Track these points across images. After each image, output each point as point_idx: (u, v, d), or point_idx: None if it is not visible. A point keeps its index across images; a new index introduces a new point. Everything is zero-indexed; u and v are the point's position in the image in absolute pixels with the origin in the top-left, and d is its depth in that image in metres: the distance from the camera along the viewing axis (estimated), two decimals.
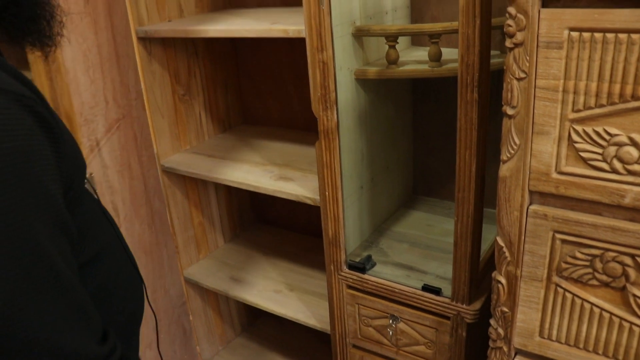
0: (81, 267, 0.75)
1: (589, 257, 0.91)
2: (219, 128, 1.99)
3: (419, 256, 1.45)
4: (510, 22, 0.88)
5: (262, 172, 1.61)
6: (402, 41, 1.50)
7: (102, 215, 0.85)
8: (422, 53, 1.47)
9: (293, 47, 1.83)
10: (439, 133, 1.64)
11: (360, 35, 1.32)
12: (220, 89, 1.96)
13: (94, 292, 0.78)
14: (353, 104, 1.36)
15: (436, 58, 1.29)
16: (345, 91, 1.32)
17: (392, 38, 1.30)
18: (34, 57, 1.12)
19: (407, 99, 1.62)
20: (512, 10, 0.87)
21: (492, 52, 1.12)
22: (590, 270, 0.92)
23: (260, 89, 1.98)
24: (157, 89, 1.70)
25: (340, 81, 1.28)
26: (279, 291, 1.79)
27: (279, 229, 2.17)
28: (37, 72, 1.10)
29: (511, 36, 0.89)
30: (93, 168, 1.43)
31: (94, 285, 0.79)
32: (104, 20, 1.49)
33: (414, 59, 1.40)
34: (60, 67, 1.13)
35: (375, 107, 1.45)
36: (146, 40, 1.62)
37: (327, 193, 1.34)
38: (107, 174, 1.47)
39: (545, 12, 0.84)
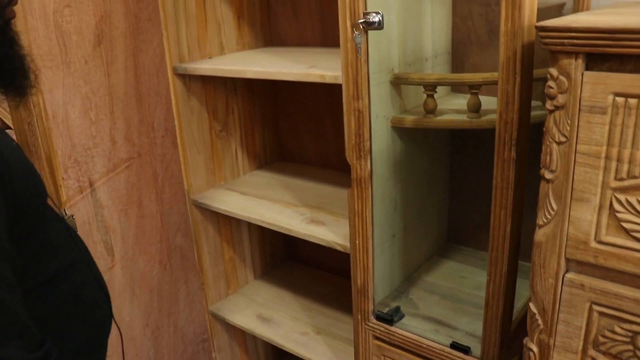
0: (41, 284, 0.85)
1: (630, 334, 0.86)
2: (255, 164, 1.99)
3: (449, 310, 1.40)
4: (551, 83, 0.85)
5: (294, 213, 1.60)
6: (442, 87, 1.47)
7: (67, 236, 0.90)
8: (462, 101, 1.44)
9: (331, 88, 1.82)
10: (477, 182, 1.60)
11: (398, 83, 1.30)
12: (258, 125, 1.96)
13: (57, 306, 0.88)
14: (388, 152, 1.33)
15: (475, 109, 1.26)
16: (381, 139, 1.30)
17: (430, 87, 1.28)
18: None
19: (445, 147, 1.58)
20: (554, 71, 0.84)
21: (534, 103, 1.08)
22: (631, 347, 0.86)
23: (297, 127, 1.98)
24: (194, 125, 1.71)
25: (376, 129, 1.26)
26: (305, 333, 1.76)
27: (310, 268, 2.15)
28: (17, 117, 1.15)
29: (552, 98, 0.86)
30: (79, 210, 1.42)
31: (57, 300, 0.88)
32: (125, 60, 1.51)
33: (453, 108, 1.37)
34: (42, 112, 1.16)
35: (411, 155, 1.42)
36: (185, 77, 1.64)
37: (357, 242, 1.31)
38: (101, 214, 1.48)
39: (589, 75, 0.81)
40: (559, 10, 1.40)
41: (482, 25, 1.49)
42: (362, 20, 1.11)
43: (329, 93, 1.84)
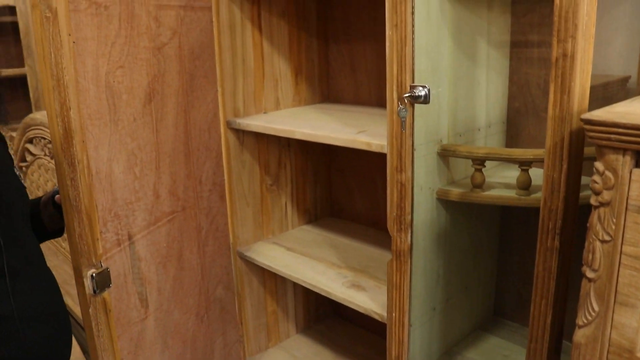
0: None
1: None
2: (304, 219, 1.99)
3: None
4: (597, 178, 0.81)
5: (337, 275, 1.58)
6: None
7: None
8: (513, 173, 1.39)
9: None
10: (527, 256, 1.53)
11: (445, 155, 1.28)
12: (309, 180, 1.97)
13: None
14: (433, 224, 1.30)
15: (525, 186, 1.21)
16: (425, 211, 1.27)
17: (478, 161, 1.25)
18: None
19: (494, 220, 1.53)
20: (599, 166, 0.80)
21: (584, 180, 1.02)
22: None
23: (349, 184, 1.97)
24: (245, 178, 1.73)
25: (420, 201, 1.23)
26: None
27: (354, 327, 2.10)
28: (61, 172, 1.18)
29: (597, 194, 0.81)
30: (114, 262, 1.43)
31: None
32: (175, 117, 1.54)
33: (503, 182, 1.33)
34: (85, 169, 1.19)
35: (457, 227, 1.38)
36: (239, 131, 1.67)
37: (393, 314, 1.27)
38: (138, 267, 1.49)
39: (638, 173, 0.76)
40: (622, 85, 1.34)
41: (540, 95, 1.45)
42: (407, 95, 1.10)
43: (381, 155, 1.82)
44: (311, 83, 1.90)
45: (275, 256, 1.72)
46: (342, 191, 2.01)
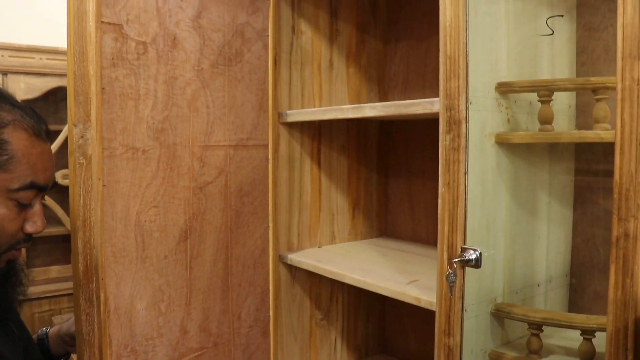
0: None
1: None
2: (354, 356, 1.90)
3: None
4: None
5: None
6: None
7: None
8: (575, 336, 1.28)
9: None
10: None
11: (499, 316, 1.20)
12: (362, 315, 1.90)
13: None
14: None
15: (587, 357, 1.11)
16: None
17: (535, 326, 1.16)
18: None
19: None
20: None
21: None
22: None
23: (403, 321, 1.89)
24: (294, 313, 1.69)
25: None
26: None
27: None
28: (77, 306, 1.17)
29: None
30: None
31: None
32: (215, 254, 1.50)
33: (564, 345, 1.23)
34: (102, 306, 1.17)
35: None
36: (292, 266, 1.65)
37: None
38: None
39: None
40: None
41: (607, 250, 1.36)
42: (457, 259, 1.05)
43: None
44: (368, 217, 1.88)
45: None
46: (395, 328, 1.93)
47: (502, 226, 1.20)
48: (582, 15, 1.33)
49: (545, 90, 1.11)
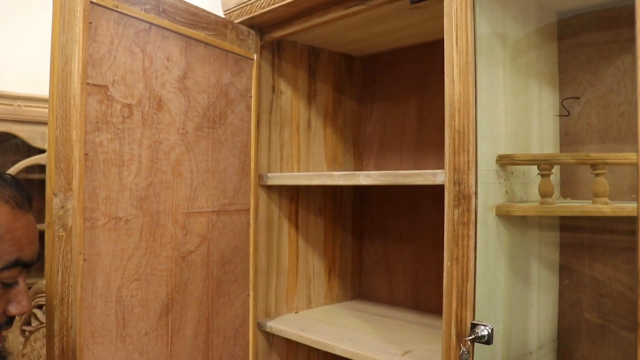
0: None
1: None
2: None
3: None
4: None
5: None
6: None
7: None
8: None
9: None
10: None
11: None
12: None
13: None
14: None
15: None
16: None
17: None
18: None
19: None
20: None
21: None
22: None
23: None
24: None
25: None
26: None
27: None
28: None
29: None
30: None
31: None
32: (196, 326, 1.41)
33: None
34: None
35: None
36: (269, 335, 1.58)
37: None
38: None
39: None
40: None
41: (594, 316, 1.38)
42: (470, 337, 1.03)
43: None
44: (343, 280, 1.84)
45: None
46: None
47: (501, 297, 1.19)
48: (564, 87, 1.38)
49: (547, 164, 1.13)
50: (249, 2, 1.47)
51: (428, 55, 1.68)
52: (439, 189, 1.19)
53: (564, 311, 1.43)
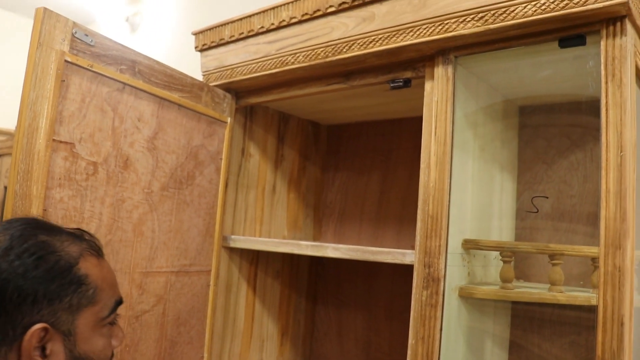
0: None
1: None
2: None
3: None
4: None
5: None
6: None
7: None
8: None
9: None
10: None
11: None
12: None
13: None
14: None
15: None
16: None
17: None
18: None
19: None
20: None
21: None
22: None
23: None
24: None
25: None
26: None
27: None
28: None
29: None
30: None
31: None
32: None
33: None
34: None
35: None
36: None
37: None
38: None
39: None
40: None
41: None
42: None
43: None
44: (295, 344, 1.84)
45: None
46: None
47: None
48: (523, 172, 1.47)
49: (509, 251, 1.20)
50: (230, 66, 1.50)
51: (393, 131, 1.75)
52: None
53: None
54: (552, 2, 0.97)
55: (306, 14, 1.32)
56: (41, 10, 1.13)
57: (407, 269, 1.17)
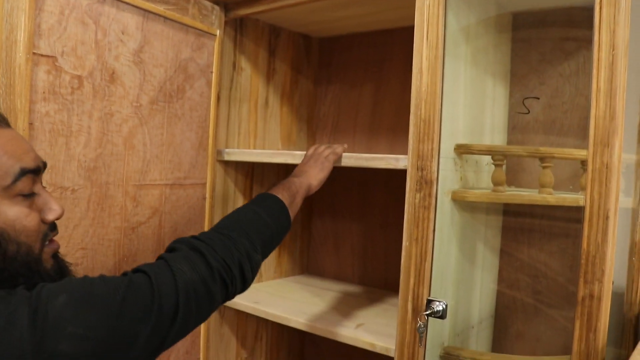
0: None
1: None
2: None
3: None
4: None
5: None
6: None
7: None
8: None
9: None
10: None
11: (448, 359, 1.28)
12: (283, 353, 1.91)
13: None
14: None
15: None
16: None
17: None
18: None
19: None
20: None
21: None
22: None
23: (322, 357, 1.92)
24: (221, 353, 1.66)
25: None
26: None
27: None
28: None
29: None
30: None
31: None
32: None
33: None
34: None
35: None
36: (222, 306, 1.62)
37: None
38: None
39: None
40: None
41: (528, 295, 1.50)
42: (426, 312, 1.11)
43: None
44: (292, 255, 1.90)
45: None
46: None
47: (451, 276, 1.28)
48: (515, 83, 1.47)
49: (500, 155, 1.22)
50: None
51: (386, 42, 1.73)
52: (390, 172, 1.24)
53: (501, 290, 1.54)
54: None
55: None
56: None
57: (401, 180, 1.19)
